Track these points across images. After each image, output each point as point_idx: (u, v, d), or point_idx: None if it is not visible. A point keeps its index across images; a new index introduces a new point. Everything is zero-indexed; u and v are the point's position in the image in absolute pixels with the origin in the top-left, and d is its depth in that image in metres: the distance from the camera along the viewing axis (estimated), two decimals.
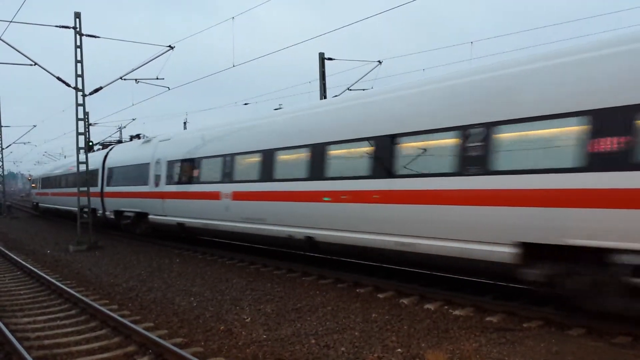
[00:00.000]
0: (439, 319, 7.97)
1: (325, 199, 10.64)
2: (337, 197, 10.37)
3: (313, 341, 7.10)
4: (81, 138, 18.83)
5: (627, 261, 6.47)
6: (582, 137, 6.91)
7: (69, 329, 8.09)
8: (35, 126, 42.97)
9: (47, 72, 18.58)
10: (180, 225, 16.43)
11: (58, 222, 31.45)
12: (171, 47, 18.44)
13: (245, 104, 31.07)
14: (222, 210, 14.10)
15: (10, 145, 49.48)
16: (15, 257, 15.60)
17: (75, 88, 18.21)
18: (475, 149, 8.08)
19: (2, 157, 40.82)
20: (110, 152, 23.41)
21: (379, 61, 21.16)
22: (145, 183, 18.64)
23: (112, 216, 21.68)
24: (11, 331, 7.55)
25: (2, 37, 17.42)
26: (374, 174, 9.61)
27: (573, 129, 7.02)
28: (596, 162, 6.73)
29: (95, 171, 22.89)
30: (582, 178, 6.85)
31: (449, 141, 8.42)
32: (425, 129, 8.80)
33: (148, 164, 18.68)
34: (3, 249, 17.83)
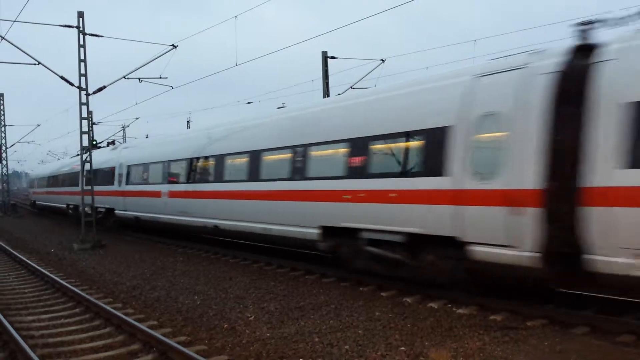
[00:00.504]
0: (443, 317, 7.97)
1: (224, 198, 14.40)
2: (232, 196, 13.96)
3: (317, 339, 7.11)
4: (85, 137, 18.87)
5: (365, 236, 10.00)
6: (345, 155, 10.48)
7: (73, 327, 8.12)
8: (39, 125, 43.20)
9: (51, 72, 18.63)
10: (137, 218, 20.11)
11: (62, 220, 31.53)
12: (174, 46, 18.47)
13: (249, 102, 31.02)
14: (162, 205, 17.72)
15: (14, 144, 49.48)
16: (19, 256, 15.66)
17: (79, 87, 18.25)
18: (299, 162, 11.66)
19: (6, 157, 40.93)
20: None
21: (382, 59, 21.16)
22: (112, 183, 22.23)
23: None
24: (16, 329, 7.58)
25: (5, 37, 17.46)
26: (249, 179, 13.29)
27: (342, 150, 10.60)
28: (351, 172, 10.29)
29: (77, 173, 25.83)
30: (346, 182, 10.35)
31: (286, 156, 12.08)
32: (277, 147, 12.45)
33: (113, 167, 22.29)
34: (8, 248, 17.90)
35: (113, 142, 27.51)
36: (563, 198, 6.99)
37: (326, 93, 22.57)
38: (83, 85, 18.26)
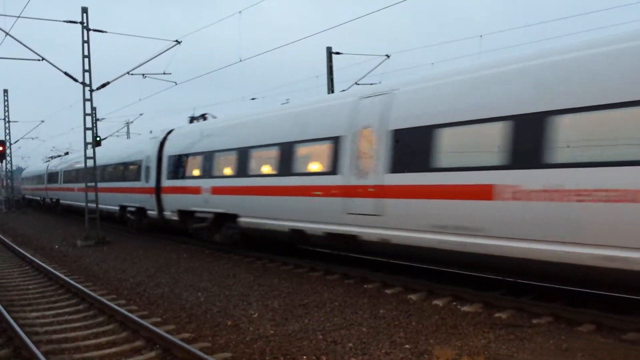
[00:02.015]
0: (447, 315, 7.93)
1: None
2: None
3: (320, 337, 7.09)
4: (89, 133, 18.87)
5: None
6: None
7: (77, 324, 8.13)
8: (43, 121, 43.20)
9: (55, 67, 18.63)
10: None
11: (66, 217, 31.61)
12: (178, 42, 18.42)
13: (253, 98, 30.94)
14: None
15: (18, 140, 49.56)
16: (23, 252, 15.70)
17: (83, 83, 18.25)
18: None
19: (10, 153, 41.01)
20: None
21: (387, 55, 21.07)
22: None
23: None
24: (20, 326, 7.58)
25: (10, 33, 17.44)
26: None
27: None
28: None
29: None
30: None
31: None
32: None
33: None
34: (12, 244, 17.95)
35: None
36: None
37: (331, 89, 22.51)
38: (87, 81, 18.26)
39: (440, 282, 9.71)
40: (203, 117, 18.47)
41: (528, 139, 7.33)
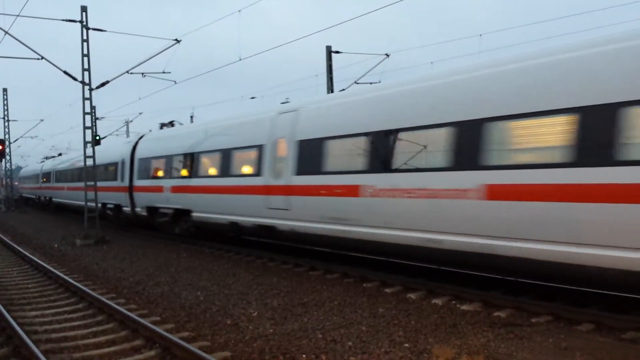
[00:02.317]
0: (447, 314, 7.93)
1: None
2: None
3: (320, 336, 7.09)
4: (88, 132, 18.86)
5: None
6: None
7: (77, 323, 8.12)
8: (42, 120, 43.16)
9: (54, 66, 18.61)
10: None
11: (65, 216, 31.60)
12: (177, 41, 18.41)
13: (252, 97, 30.94)
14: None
15: (17, 139, 49.63)
16: (23, 251, 15.69)
17: (82, 82, 18.23)
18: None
19: (10, 152, 40.99)
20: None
21: (386, 54, 21.07)
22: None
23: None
24: (19, 324, 7.58)
25: (9, 31, 17.43)
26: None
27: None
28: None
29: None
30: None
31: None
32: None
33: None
34: (11, 243, 17.95)
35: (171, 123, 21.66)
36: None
37: (330, 88, 22.51)
38: (86, 80, 18.24)
39: (439, 282, 9.72)
40: (171, 123, 20.32)
41: (380, 150, 9.67)
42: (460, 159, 8.28)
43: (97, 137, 23.39)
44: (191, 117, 42.41)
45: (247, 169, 13.38)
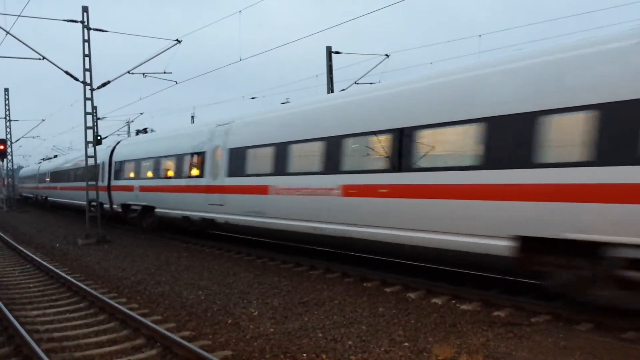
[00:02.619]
0: (446, 313, 7.96)
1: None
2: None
3: (320, 335, 7.12)
4: (89, 132, 18.90)
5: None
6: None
7: (78, 322, 8.15)
8: (44, 120, 43.19)
9: (56, 67, 18.65)
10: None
11: (66, 215, 31.64)
12: (178, 41, 18.44)
13: (253, 98, 30.96)
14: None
15: (19, 139, 49.71)
16: (24, 251, 15.73)
17: (84, 82, 18.27)
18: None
19: (11, 151, 41.05)
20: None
21: (386, 54, 21.09)
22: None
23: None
24: (21, 324, 7.61)
25: (10, 31, 17.46)
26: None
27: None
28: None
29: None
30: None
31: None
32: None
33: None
34: (13, 242, 17.98)
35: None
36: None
37: (330, 88, 22.53)
38: (88, 80, 18.28)
39: (438, 281, 9.75)
40: (144, 130, 23.54)
41: (279, 158, 12.22)
42: (327, 165, 10.91)
43: (99, 137, 23.46)
44: (192, 117, 42.46)
45: (194, 172, 15.98)
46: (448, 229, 8.48)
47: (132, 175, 20.42)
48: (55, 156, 43.46)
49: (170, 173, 17.41)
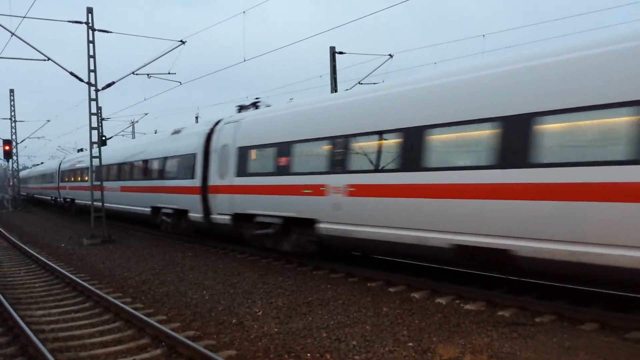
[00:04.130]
0: (451, 313, 7.96)
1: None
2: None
3: (324, 334, 7.13)
4: (94, 132, 18.96)
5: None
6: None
7: (83, 322, 8.19)
8: (49, 121, 43.22)
9: (61, 67, 18.72)
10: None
11: (72, 216, 31.74)
12: (182, 42, 18.48)
13: (257, 98, 30.93)
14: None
15: (24, 140, 49.98)
16: (30, 250, 15.80)
17: (88, 83, 18.33)
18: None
19: (17, 152, 41.22)
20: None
21: (390, 55, 21.10)
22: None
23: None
24: (27, 324, 7.66)
25: (15, 33, 17.54)
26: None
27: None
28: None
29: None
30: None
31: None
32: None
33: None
34: (18, 242, 18.07)
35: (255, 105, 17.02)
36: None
37: (334, 88, 22.54)
38: (92, 81, 18.34)
39: (442, 281, 9.74)
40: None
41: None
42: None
43: (104, 138, 23.55)
44: (196, 117, 42.57)
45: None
46: None
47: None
48: (81, 149, 41.37)
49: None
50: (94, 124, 18.83)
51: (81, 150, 39.43)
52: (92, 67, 18.21)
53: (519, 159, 7.64)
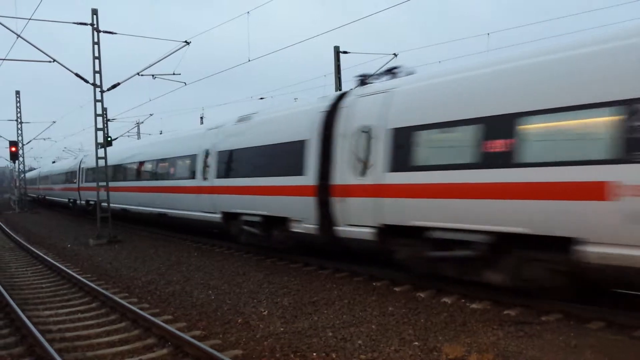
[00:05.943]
0: (456, 312, 7.95)
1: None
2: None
3: (330, 334, 7.14)
4: (100, 133, 19.03)
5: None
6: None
7: (90, 322, 8.23)
8: (54, 122, 43.42)
9: (66, 69, 18.80)
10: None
11: (78, 216, 31.88)
12: (187, 43, 18.52)
13: (261, 98, 31.04)
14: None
15: (30, 141, 50.19)
16: (36, 251, 15.88)
17: (94, 84, 18.40)
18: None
19: (22, 153, 41.42)
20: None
21: (394, 54, 21.06)
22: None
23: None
24: (34, 324, 7.69)
25: (21, 35, 17.62)
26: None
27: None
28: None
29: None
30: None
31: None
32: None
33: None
34: (25, 243, 18.16)
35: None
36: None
37: (338, 88, 22.53)
38: (97, 82, 18.41)
39: (448, 280, 9.71)
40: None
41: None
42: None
43: (109, 139, 23.61)
44: (201, 117, 42.65)
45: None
46: None
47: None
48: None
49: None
50: (100, 125, 18.90)
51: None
52: (97, 69, 18.29)
53: None
